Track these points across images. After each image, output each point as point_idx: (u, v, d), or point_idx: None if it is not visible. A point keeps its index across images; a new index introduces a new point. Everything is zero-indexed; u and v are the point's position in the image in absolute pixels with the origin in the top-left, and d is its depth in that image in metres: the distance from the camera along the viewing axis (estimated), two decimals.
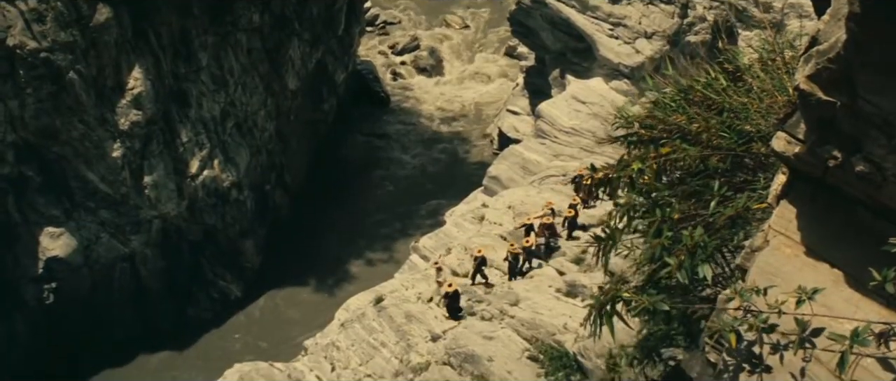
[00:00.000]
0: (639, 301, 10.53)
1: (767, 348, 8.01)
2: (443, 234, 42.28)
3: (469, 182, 53.88)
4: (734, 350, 8.18)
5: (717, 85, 12.87)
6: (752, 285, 8.29)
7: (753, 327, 8.00)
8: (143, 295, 48.05)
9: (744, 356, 8.15)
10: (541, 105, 51.62)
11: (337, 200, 58.10)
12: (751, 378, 8.06)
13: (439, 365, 28.93)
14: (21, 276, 44.81)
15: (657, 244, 10.67)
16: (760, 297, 8.08)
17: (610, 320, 10.81)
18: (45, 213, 44.98)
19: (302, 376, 32.52)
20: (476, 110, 69.55)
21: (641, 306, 10.49)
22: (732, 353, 8.26)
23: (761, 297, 8.08)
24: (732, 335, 8.11)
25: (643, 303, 10.44)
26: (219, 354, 44.96)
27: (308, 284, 51.18)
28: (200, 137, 49.12)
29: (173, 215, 48.19)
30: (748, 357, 8.12)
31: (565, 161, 45.24)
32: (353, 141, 66.06)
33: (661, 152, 11.45)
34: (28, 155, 44.56)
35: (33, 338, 45.03)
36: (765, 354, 8.03)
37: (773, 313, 7.94)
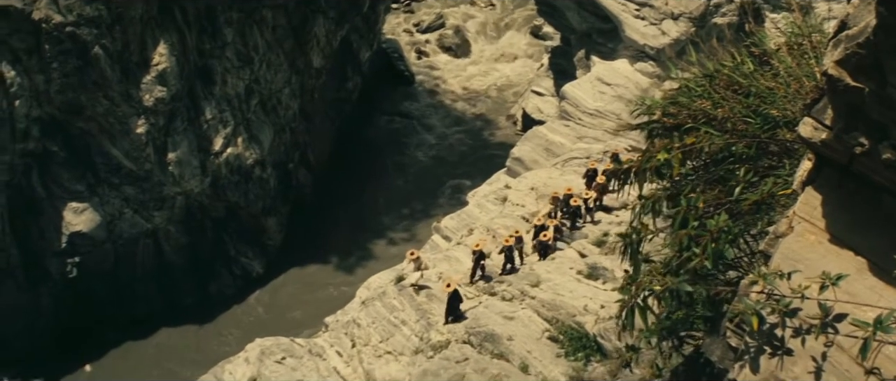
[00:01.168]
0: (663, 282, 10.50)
1: (789, 332, 7.97)
2: (465, 214, 42.24)
3: (492, 163, 53.80)
4: (756, 333, 8.13)
5: (744, 68, 12.74)
6: (776, 269, 8.24)
7: (776, 310, 7.95)
8: (165, 271, 48.29)
9: (765, 339, 8.11)
10: (565, 86, 51.42)
11: (360, 179, 58.16)
12: (771, 361, 8.02)
13: (459, 344, 28.94)
14: (45, 250, 45.09)
15: (683, 235, 10.61)
16: (784, 281, 8.03)
17: (643, 313, 10.82)
18: (69, 188, 45.20)
19: (322, 351, 32.62)
20: (500, 91, 69.40)
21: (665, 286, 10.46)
22: (754, 336, 8.21)
23: (785, 281, 8.03)
24: (755, 317, 8.07)
25: (667, 283, 10.42)
26: (240, 329, 45.21)
27: (329, 262, 51.30)
28: (224, 114, 49.19)
29: (196, 192, 48.33)
30: (769, 340, 8.08)
31: (589, 143, 45.07)
32: (377, 120, 66.07)
33: (686, 142, 11.35)
34: (53, 130, 44.75)
35: (57, 311, 45.36)
36: (786, 337, 7.98)
37: (796, 297, 7.89)
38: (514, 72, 71.11)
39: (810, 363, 7.74)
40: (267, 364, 31.73)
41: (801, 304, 7.87)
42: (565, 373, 25.79)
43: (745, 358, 8.33)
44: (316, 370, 31.47)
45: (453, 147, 62.96)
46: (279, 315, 47.20)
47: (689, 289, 10.46)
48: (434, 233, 42.68)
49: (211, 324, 47.17)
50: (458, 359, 27.76)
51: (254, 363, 32.16)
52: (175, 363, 44.50)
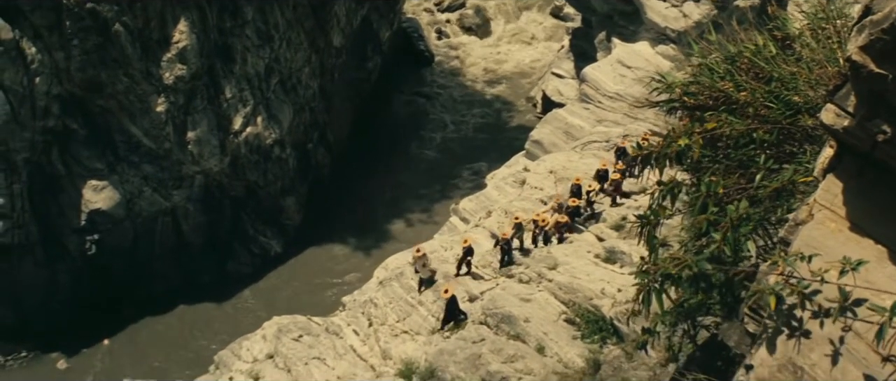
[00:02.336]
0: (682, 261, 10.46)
1: (808, 314, 7.93)
2: (483, 197, 42.24)
3: (511, 145, 53.72)
4: (774, 314, 8.09)
5: (765, 52, 12.63)
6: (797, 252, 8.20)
7: (795, 291, 7.92)
8: (184, 249, 48.49)
9: (783, 320, 8.07)
10: (585, 69, 51.22)
11: (378, 159, 58.18)
12: (789, 342, 7.98)
13: (476, 325, 29.00)
14: (64, 227, 45.33)
15: (702, 220, 10.56)
16: (804, 264, 7.99)
17: (659, 297, 10.79)
18: (89, 166, 45.38)
19: (339, 330, 32.74)
20: (520, 72, 69.27)
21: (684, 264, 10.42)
22: (772, 317, 8.18)
23: (805, 264, 7.98)
24: (773, 297, 8.03)
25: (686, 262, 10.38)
26: (258, 307, 45.39)
27: (348, 242, 51.38)
28: (244, 93, 49.25)
29: (216, 171, 48.44)
30: (787, 322, 8.04)
31: (609, 127, 44.93)
32: (397, 100, 66.06)
33: (707, 127, 11.28)
34: (73, 108, 44.93)
35: (75, 287, 45.63)
36: (805, 320, 7.95)
37: (816, 281, 7.84)
38: (535, 53, 70.94)
39: (827, 348, 7.70)
40: (284, 342, 31.89)
41: (820, 287, 7.84)
42: (581, 355, 25.81)
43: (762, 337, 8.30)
44: (332, 348, 31.59)
45: (472, 129, 62.90)
46: (297, 294, 47.32)
47: (708, 267, 10.41)
48: (452, 215, 42.72)
49: (228, 302, 47.37)
50: (474, 339, 27.82)
51: (271, 341, 32.33)
52: (193, 340, 44.75)
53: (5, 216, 42.84)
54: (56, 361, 43.85)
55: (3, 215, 42.78)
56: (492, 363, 26.39)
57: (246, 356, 32.38)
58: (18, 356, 43.99)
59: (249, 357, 32.15)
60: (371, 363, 30.35)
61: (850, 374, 7.57)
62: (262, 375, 30.48)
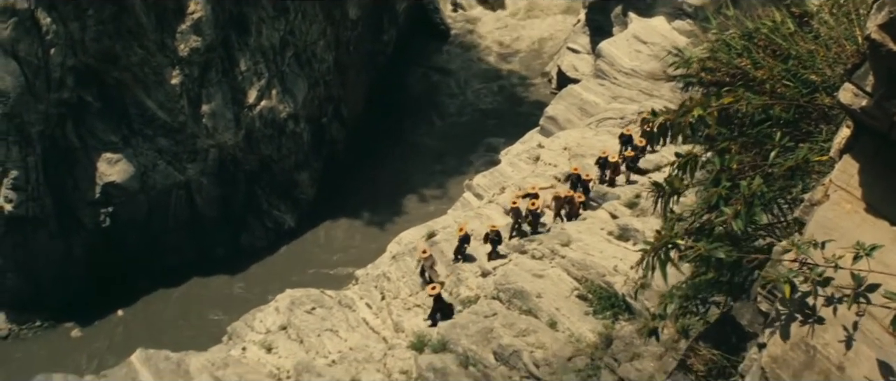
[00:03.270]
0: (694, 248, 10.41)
1: (821, 300, 7.90)
2: (497, 172, 42.19)
3: (526, 121, 53.56)
4: (788, 300, 8.06)
5: (783, 29, 12.51)
6: (810, 238, 8.14)
7: (809, 278, 7.87)
8: (197, 222, 48.59)
9: (797, 306, 8.03)
10: (601, 44, 50.99)
11: (393, 134, 58.11)
12: (802, 329, 7.95)
13: (488, 300, 29.08)
14: (79, 200, 45.44)
15: (715, 193, 10.51)
16: (817, 250, 7.94)
17: (663, 265, 10.72)
18: (104, 138, 45.43)
19: (352, 303, 32.84)
20: (536, 47, 68.99)
21: (697, 253, 10.38)
22: (785, 303, 8.14)
23: (818, 250, 7.93)
24: (787, 285, 7.99)
25: (699, 250, 10.33)
26: (271, 280, 45.48)
27: (361, 216, 51.42)
28: (259, 66, 49.17)
29: (230, 145, 48.45)
30: (801, 308, 8.00)
31: (624, 104, 44.77)
32: (412, 74, 65.90)
33: (723, 102, 11.20)
34: (88, 80, 44.95)
35: (90, 259, 45.81)
36: (818, 306, 7.91)
37: (830, 267, 7.79)
38: (551, 27, 70.59)
39: (841, 332, 7.67)
40: (297, 314, 32.00)
41: (834, 273, 7.79)
42: (593, 330, 25.83)
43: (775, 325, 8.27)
44: (345, 321, 31.69)
45: (487, 104, 62.75)
46: (310, 268, 47.43)
47: (722, 256, 10.37)
48: (466, 190, 42.68)
49: (242, 275, 47.51)
50: (486, 314, 27.88)
51: (284, 313, 32.44)
52: (206, 311, 44.94)
53: (20, 189, 42.98)
54: (70, 330, 44.17)
55: (18, 187, 42.92)
56: (504, 336, 26.45)
57: (259, 327, 32.50)
58: (33, 325, 44.32)
59: (262, 329, 32.27)
60: (383, 335, 30.46)
61: (863, 354, 7.54)
62: (274, 345, 30.61)
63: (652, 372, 20.25)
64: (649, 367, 20.85)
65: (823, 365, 7.69)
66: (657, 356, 20.74)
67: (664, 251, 10.72)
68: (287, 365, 29.29)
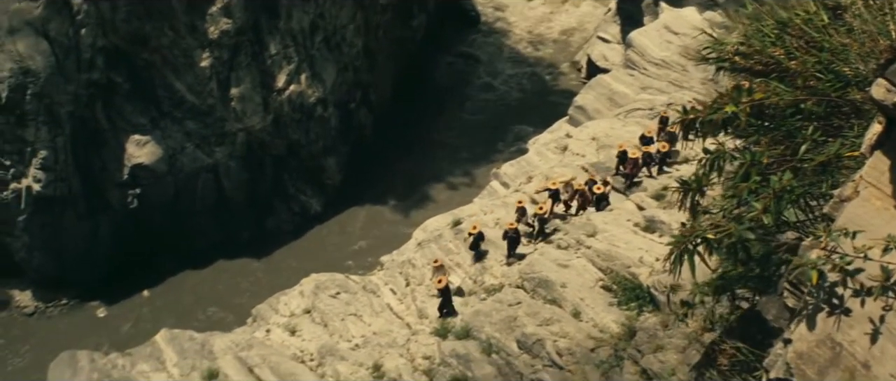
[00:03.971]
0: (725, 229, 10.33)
1: (849, 292, 7.83)
2: (524, 162, 42.07)
3: (554, 110, 53.38)
4: (814, 289, 8.00)
5: (817, 21, 12.38)
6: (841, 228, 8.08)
7: (837, 267, 7.81)
8: (224, 205, 48.77)
9: (824, 297, 7.97)
10: (631, 34, 50.73)
11: (421, 121, 58.07)
12: (828, 325, 7.89)
13: (512, 288, 29.03)
14: (107, 181, 45.74)
15: (744, 187, 10.43)
16: (848, 240, 7.87)
17: (691, 259, 10.66)
18: (132, 120, 45.65)
19: (376, 289, 32.87)
20: (566, 35, 68.74)
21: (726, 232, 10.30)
22: (812, 293, 8.08)
23: (848, 240, 7.86)
24: (815, 272, 7.93)
25: (729, 230, 10.25)
26: (296, 264, 45.60)
27: (387, 203, 51.47)
28: (288, 50, 49.20)
29: (258, 129, 48.54)
30: (828, 299, 7.94)
31: (653, 95, 44.51)
32: (441, 61, 65.79)
33: (755, 97, 11.10)
34: (117, 61, 45.16)
35: (116, 240, 46.12)
36: (846, 297, 7.84)
37: (859, 257, 7.73)
38: (581, 16, 70.33)
39: (867, 326, 7.62)
40: (321, 298, 32.07)
41: (863, 264, 7.73)
42: (617, 321, 25.74)
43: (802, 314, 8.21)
44: (369, 306, 31.74)
45: (516, 92, 62.59)
46: (335, 253, 47.54)
47: (751, 237, 10.26)
48: (492, 179, 42.59)
49: (267, 258, 47.69)
50: (510, 302, 27.86)
51: (308, 297, 32.52)
52: (231, 293, 45.15)
53: (48, 169, 43.29)
54: (95, 309, 44.53)
55: (47, 167, 43.23)
56: (527, 325, 26.43)
57: (283, 310, 32.60)
58: (59, 303, 44.72)
59: (287, 312, 32.36)
60: (407, 321, 30.48)
61: (888, 352, 7.48)
62: (299, 328, 30.69)
63: (675, 364, 20.16)
64: (672, 359, 20.76)
65: (849, 362, 7.64)
66: (680, 348, 20.65)
67: (692, 245, 10.66)
68: (311, 348, 29.38)
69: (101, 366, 28.89)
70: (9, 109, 42.43)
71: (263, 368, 27.69)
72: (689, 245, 10.67)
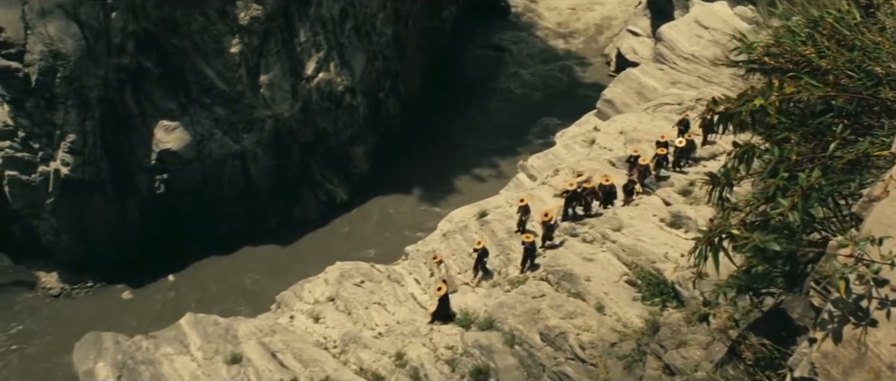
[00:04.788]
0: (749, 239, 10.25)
1: (875, 302, 7.74)
2: (552, 154, 41.98)
3: (583, 103, 53.26)
4: (840, 300, 7.92)
5: (849, 19, 12.26)
6: (867, 234, 7.98)
7: (864, 277, 7.72)
8: (251, 192, 48.95)
9: (850, 307, 7.88)
10: (662, 28, 50.53)
11: (448, 111, 58.08)
12: (855, 332, 7.81)
13: (536, 281, 28.99)
14: (135, 165, 46.00)
15: (772, 184, 10.34)
16: (874, 247, 7.78)
17: (715, 254, 10.58)
18: (161, 106, 45.85)
19: (401, 278, 32.91)
20: (596, 28, 68.51)
21: (751, 243, 10.22)
22: (838, 303, 8.00)
23: (875, 247, 7.77)
24: (842, 282, 7.84)
25: (754, 240, 10.17)
26: (321, 252, 45.72)
27: (413, 193, 51.52)
28: (318, 37, 49.26)
29: (286, 117, 48.65)
30: (855, 309, 7.85)
31: (682, 89, 44.31)
32: (470, 52, 65.74)
33: (785, 91, 11.01)
34: (147, 46, 45.35)
35: (143, 224, 46.44)
36: (872, 308, 7.76)
37: (886, 264, 7.63)
38: (612, 9, 70.10)
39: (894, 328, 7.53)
40: (345, 286, 32.15)
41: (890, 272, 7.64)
42: (641, 316, 25.66)
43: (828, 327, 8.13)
44: (393, 295, 31.78)
45: (544, 84, 62.47)
46: (360, 242, 47.66)
47: (777, 248, 10.19)
48: (519, 171, 42.54)
49: (293, 246, 47.85)
50: (534, 295, 27.83)
51: (333, 285, 32.60)
52: (256, 279, 45.37)
53: (77, 152, 43.58)
54: (121, 292, 44.85)
55: (75, 150, 43.52)
56: (550, 318, 26.39)
57: (307, 297, 32.70)
58: (85, 285, 45.08)
59: (311, 299, 32.46)
60: (431, 311, 30.52)
61: None
62: (322, 316, 30.78)
63: (698, 360, 20.06)
64: (696, 355, 20.67)
65: (874, 363, 7.57)
66: (704, 344, 20.54)
67: (718, 241, 10.59)
68: (334, 335, 29.46)
69: (126, 348, 29.10)
70: (39, 92, 42.73)
71: (286, 353, 27.80)
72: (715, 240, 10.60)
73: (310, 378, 26.62)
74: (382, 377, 27.03)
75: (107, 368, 28.28)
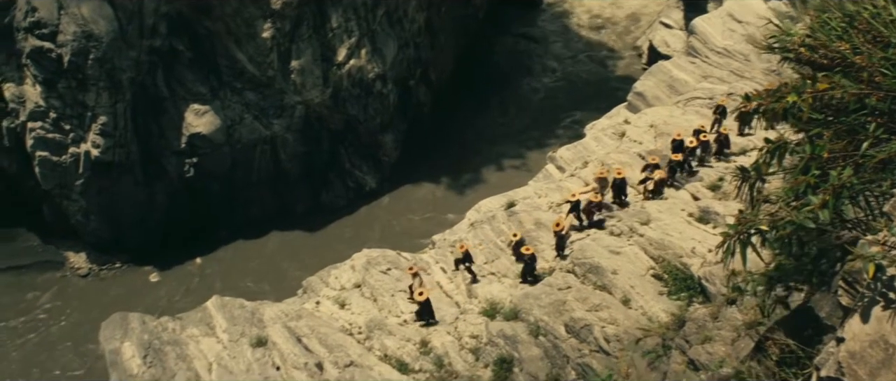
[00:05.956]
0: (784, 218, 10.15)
1: None
2: (581, 146, 41.85)
3: (613, 96, 53.07)
4: (871, 283, 7.86)
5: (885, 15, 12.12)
6: None
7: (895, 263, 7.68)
8: (280, 178, 49.11)
9: (880, 291, 7.83)
10: (695, 20, 50.23)
11: (478, 101, 58.03)
12: (883, 316, 7.75)
13: (563, 272, 28.94)
14: (164, 149, 46.24)
15: (802, 181, 10.26)
16: None
17: (744, 249, 10.52)
18: (192, 89, 46.02)
19: (427, 267, 32.92)
20: (629, 19, 68.19)
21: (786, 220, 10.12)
22: (869, 286, 7.95)
23: None
24: (872, 265, 7.79)
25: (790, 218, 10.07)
26: (348, 239, 45.87)
27: (442, 182, 51.51)
28: (350, 23, 49.23)
29: (317, 103, 48.73)
30: (885, 293, 7.80)
31: (714, 84, 44.01)
32: (501, 41, 65.63)
33: (819, 87, 10.90)
34: (180, 28, 45.51)
35: (172, 207, 46.70)
36: None
37: None
38: (645, 0, 69.72)
39: None
40: (372, 273, 32.20)
41: None
42: (666, 310, 25.58)
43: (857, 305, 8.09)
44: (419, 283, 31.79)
45: (575, 76, 62.27)
46: (388, 229, 47.72)
47: (811, 225, 10.08)
48: (548, 162, 42.43)
49: (320, 232, 47.97)
50: (560, 286, 27.79)
51: (359, 271, 32.66)
52: (283, 264, 45.52)
53: (108, 135, 43.84)
54: (148, 274, 45.15)
55: (106, 133, 43.78)
56: (576, 310, 26.34)
57: (334, 283, 32.78)
58: (113, 266, 45.44)
59: (337, 285, 32.54)
60: (456, 300, 30.49)
61: None
62: (348, 302, 30.84)
63: (723, 356, 19.94)
64: (721, 351, 20.54)
65: None
66: (729, 340, 20.41)
67: (746, 235, 10.51)
68: (359, 321, 29.54)
69: (152, 328, 29.27)
70: (71, 73, 43.02)
71: (311, 338, 27.89)
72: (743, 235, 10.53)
73: (334, 363, 26.69)
74: (406, 363, 27.08)
75: (132, 347, 28.46)
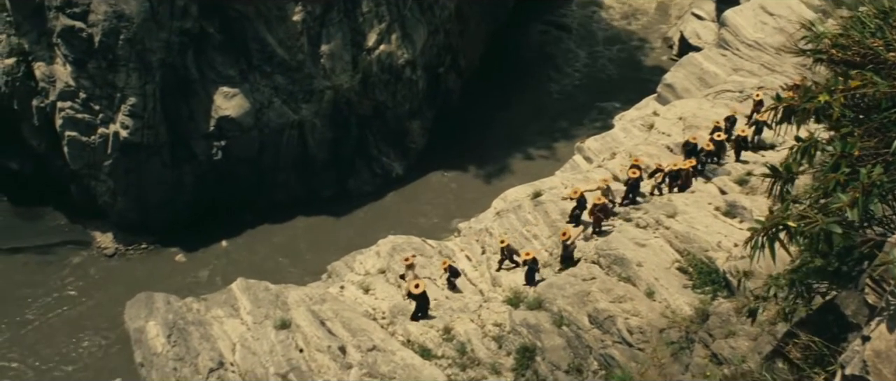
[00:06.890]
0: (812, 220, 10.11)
1: None
2: (609, 137, 41.76)
3: (643, 87, 52.87)
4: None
5: None
6: None
7: None
8: (307, 162, 49.17)
9: None
10: (726, 12, 49.93)
11: (507, 89, 57.90)
12: None
13: (588, 263, 28.93)
14: (193, 131, 46.36)
15: (832, 179, 10.19)
16: None
17: (772, 245, 10.48)
18: (222, 72, 46.09)
19: (452, 254, 33.00)
20: (660, 10, 67.87)
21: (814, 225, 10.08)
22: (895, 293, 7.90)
23: None
24: None
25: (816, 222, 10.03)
26: (374, 225, 45.92)
27: (468, 170, 51.45)
28: (381, 8, 49.17)
29: (346, 88, 48.73)
30: None
31: (744, 77, 43.77)
32: (532, 30, 65.44)
33: (851, 85, 10.82)
34: (211, 11, 45.58)
35: (199, 190, 46.87)
36: None
37: None
38: None
39: None
40: (397, 260, 32.30)
41: None
42: (690, 304, 25.51)
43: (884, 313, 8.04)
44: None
45: (605, 66, 62.05)
46: (413, 216, 47.74)
47: (838, 230, 10.03)
48: (576, 153, 42.35)
49: (346, 217, 48.05)
50: (585, 277, 27.77)
51: (384, 257, 32.77)
52: (308, 249, 45.63)
53: (137, 116, 44.05)
54: (174, 255, 45.39)
55: (135, 114, 43.98)
56: (600, 301, 26.32)
57: (358, 268, 32.90)
58: (139, 247, 45.70)
59: (362, 270, 32.65)
60: (480, 288, 30.53)
61: None
62: (372, 287, 30.95)
63: (745, 352, 19.89)
64: (743, 346, 20.49)
65: None
66: (753, 336, 20.36)
67: (774, 232, 10.47)
68: (383, 307, 29.64)
69: (177, 308, 29.47)
70: (101, 54, 43.24)
71: (335, 322, 28.00)
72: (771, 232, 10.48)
73: (357, 347, 26.80)
74: (429, 349, 27.16)
75: (157, 326, 28.68)
